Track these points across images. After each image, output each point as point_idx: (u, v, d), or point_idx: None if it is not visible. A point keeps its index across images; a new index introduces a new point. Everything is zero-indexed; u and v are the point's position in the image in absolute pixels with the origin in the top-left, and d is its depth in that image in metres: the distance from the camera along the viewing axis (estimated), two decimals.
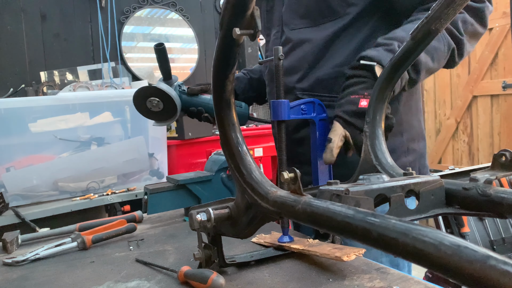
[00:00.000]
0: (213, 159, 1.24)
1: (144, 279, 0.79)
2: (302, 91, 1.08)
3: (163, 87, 1.15)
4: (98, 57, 3.38)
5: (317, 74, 1.06)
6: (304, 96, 1.07)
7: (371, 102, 0.80)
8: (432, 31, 0.65)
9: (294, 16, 1.08)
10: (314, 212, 0.49)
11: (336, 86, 1.02)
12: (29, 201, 1.92)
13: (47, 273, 0.86)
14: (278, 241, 0.89)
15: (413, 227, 0.36)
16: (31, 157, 1.96)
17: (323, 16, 1.04)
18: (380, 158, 0.75)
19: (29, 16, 3.15)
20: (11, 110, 1.86)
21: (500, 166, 0.58)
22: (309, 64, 1.07)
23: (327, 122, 0.94)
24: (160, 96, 1.16)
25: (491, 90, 3.45)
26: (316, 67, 1.06)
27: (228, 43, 0.58)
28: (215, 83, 0.65)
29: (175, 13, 3.69)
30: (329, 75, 1.05)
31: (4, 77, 3.07)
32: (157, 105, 1.16)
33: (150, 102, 1.16)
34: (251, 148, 2.56)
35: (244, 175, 0.66)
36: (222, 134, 0.69)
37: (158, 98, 1.16)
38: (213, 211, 0.71)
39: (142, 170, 2.24)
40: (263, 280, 0.75)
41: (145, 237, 1.06)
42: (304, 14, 1.06)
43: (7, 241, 1.00)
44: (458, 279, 0.31)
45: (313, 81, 1.06)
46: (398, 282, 0.70)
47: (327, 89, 1.05)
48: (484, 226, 2.36)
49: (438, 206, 0.59)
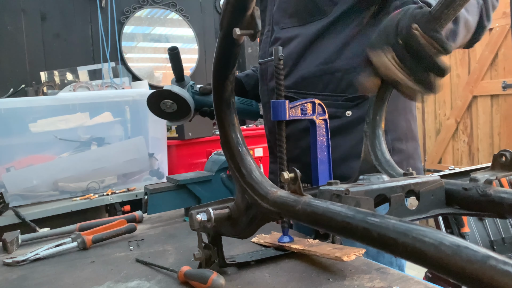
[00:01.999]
0: (213, 159, 1.24)
1: (144, 279, 0.79)
2: (287, 88, 1.07)
3: (176, 90, 1.17)
4: (98, 57, 3.38)
5: (301, 72, 1.06)
6: (289, 93, 1.07)
7: (371, 102, 0.80)
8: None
9: (283, 15, 1.09)
10: (314, 212, 0.49)
11: (320, 84, 1.03)
12: (29, 201, 1.92)
13: (47, 273, 0.86)
14: (278, 241, 0.89)
15: (413, 227, 0.36)
16: (31, 157, 1.96)
17: (311, 14, 1.04)
18: (380, 158, 0.75)
19: (29, 16, 3.15)
20: (11, 110, 1.86)
21: (500, 166, 0.58)
22: (294, 61, 1.07)
23: (327, 122, 0.94)
24: (174, 98, 1.17)
25: (491, 90, 3.45)
26: (301, 65, 1.07)
27: (228, 43, 0.58)
28: (215, 84, 0.65)
29: (175, 13, 3.69)
30: (313, 73, 1.05)
31: (4, 77, 3.07)
32: (171, 106, 1.18)
33: (164, 104, 1.18)
34: (251, 148, 2.56)
35: (244, 175, 0.66)
36: (222, 134, 0.69)
37: (172, 100, 1.17)
38: (213, 211, 0.71)
39: (142, 170, 2.24)
40: (263, 280, 0.75)
41: (145, 237, 1.06)
42: (292, 13, 1.07)
43: (7, 241, 1.00)
44: (458, 279, 0.32)
45: (297, 78, 1.07)
46: (398, 282, 0.70)
47: (310, 86, 1.05)
48: (484, 226, 2.36)
49: (438, 206, 0.59)
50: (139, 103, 2.20)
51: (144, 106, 1.24)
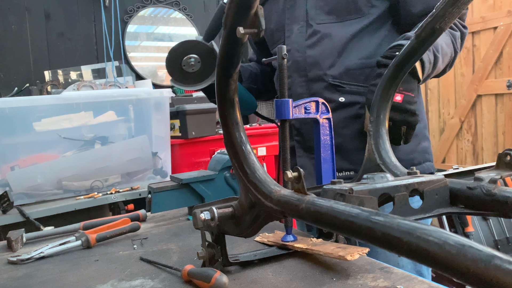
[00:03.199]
0: (217, 158, 1.24)
1: (148, 278, 0.79)
2: (333, 78, 1.13)
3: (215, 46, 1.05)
4: (102, 56, 3.39)
5: (345, 63, 1.13)
6: (335, 82, 1.13)
7: (374, 101, 0.80)
8: (436, 29, 0.65)
9: (319, 12, 1.16)
10: (318, 211, 0.49)
11: (362, 76, 1.12)
12: (34, 200, 1.93)
13: (52, 271, 0.86)
14: (282, 240, 0.89)
15: (417, 226, 0.36)
16: (35, 156, 1.97)
17: (349, 13, 1.13)
18: (384, 157, 0.75)
19: (33, 16, 3.16)
20: (15, 109, 1.86)
21: (505, 166, 0.57)
22: (338, 53, 1.14)
23: (330, 121, 0.94)
24: (204, 55, 1.06)
25: (495, 89, 3.43)
26: (345, 57, 1.13)
27: (232, 42, 0.58)
28: (218, 82, 0.65)
29: (178, 12, 3.69)
30: (356, 66, 1.12)
31: (9, 76, 3.08)
32: (193, 65, 1.06)
33: (187, 59, 1.05)
34: (254, 147, 2.56)
35: (247, 174, 0.66)
36: (226, 133, 0.69)
37: (200, 57, 1.05)
38: (217, 210, 0.71)
39: (145, 169, 2.24)
40: (267, 279, 0.75)
41: (149, 236, 1.06)
42: (330, 11, 1.14)
43: (12, 239, 1.01)
44: (462, 279, 0.31)
45: (342, 69, 1.13)
46: (402, 281, 0.70)
47: (354, 78, 1.13)
48: (489, 225, 2.35)
49: (443, 206, 0.59)
50: (142, 102, 2.20)
51: (147, 105, 1.23)
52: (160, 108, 2.27)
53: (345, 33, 1.13)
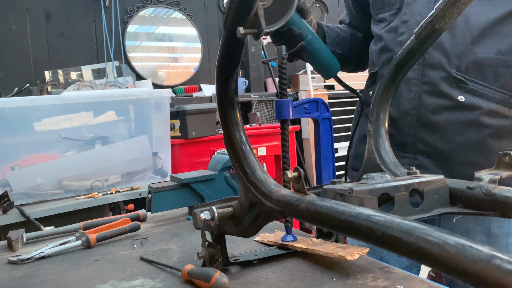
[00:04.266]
0: (217, 158, 1.24)
1: (148, 278, 0.79)
2: (457, 69, 0.93)
3: None
4: (102, 56, 3.40)
5: (477, 55, 0.93)
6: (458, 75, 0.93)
7: (374, 101, 0.80)
8: (436, 30, 0.65)
9: None
10: (318, 211, 0.49)
11: (492, 76, 0.92)
12: (34, 200, 1.93)
13: (52, 271, 0.86)
14: (282, 240, 0.89)
15: (417, 226, 0.36)
16: (35, 156, 1.97)
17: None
18: (383, 157, 0.75)
19: (33, 16, 3.17)
20: (15, 109, 1.86)
21: (505, 166, 0.57)
22: (473, 39, 0.93)
23: (330, 122, 0.94)
24: None
25: None
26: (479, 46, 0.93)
27: (232, 42, 0.58)
28: (219, 82, 0.65)
29: (178, 12, 3.69)
30: (490, 61, 0.92)
31: (9, 76, 3.09)
32: None
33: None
34: (254, 147, 2.56)
35: (247, 174, 0.66)
36: (226, 133, 0.69)
37: None
38: (217, 210, 0.72)
39: (146, 169, 2.24)
40: (267, 279, 0.75)
41: (149, 236, 1.06)
42: None
43: (12, 239, 1.01)
44: (462, 279, 0.31)
45: (471, 61, 0.93)
46: (402, 281, 0.70)
47: (482, 75, 0.93)
48: None
49: (442, 206, 0.59)
50: (143, 102, 2.20)
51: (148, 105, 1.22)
52: (160, 108, 2.27)
53: (488, 15, 0.91)
